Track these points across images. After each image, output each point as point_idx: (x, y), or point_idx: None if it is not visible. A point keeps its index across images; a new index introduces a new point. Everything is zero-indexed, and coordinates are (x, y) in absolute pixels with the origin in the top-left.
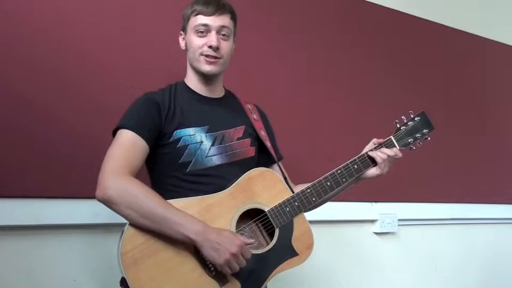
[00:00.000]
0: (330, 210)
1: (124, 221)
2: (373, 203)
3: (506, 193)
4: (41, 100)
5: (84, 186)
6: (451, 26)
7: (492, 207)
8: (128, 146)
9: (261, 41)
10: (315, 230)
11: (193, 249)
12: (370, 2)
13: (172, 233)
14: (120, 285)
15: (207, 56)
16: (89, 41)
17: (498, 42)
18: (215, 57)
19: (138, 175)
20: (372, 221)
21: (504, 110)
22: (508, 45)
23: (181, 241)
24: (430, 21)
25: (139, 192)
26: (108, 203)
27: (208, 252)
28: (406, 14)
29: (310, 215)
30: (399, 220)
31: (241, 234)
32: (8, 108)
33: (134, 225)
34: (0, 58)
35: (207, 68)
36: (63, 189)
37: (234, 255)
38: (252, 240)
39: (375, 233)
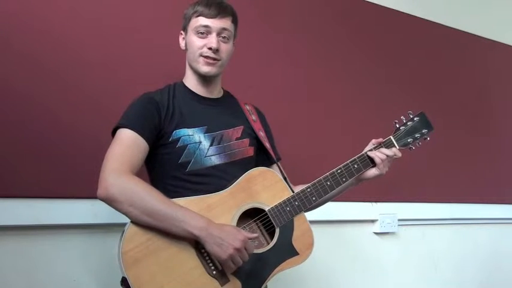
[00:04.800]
0: (330, 210)
1: (124, 220)
2: (373, 203)
3: (506, 193)
4: (40, 100)
5: (83, 186)
6: (451, 26)
7: (492, 207)
8: (128, 144)
9: (261, 42)
10: (315, 230)
11: (194, 248)
12: (370, 2)
13: (175, 230)
14: (121, 285)
15: (206, 57)
16: (89, 41)
17: (499, 42)
18: (214, 59)
19: (138, 175)
20: (372, 221)
21: (505, 111)
22: (509, 46)
23: (182, 239)
24: (430, 21)
25: (141, 190)
26: (110, 201)
27: (211, 248)
28: (406, 14)
29: (310, 215)
30: (399, 220)
31: None
32: (8, 108)
33: (135, 224)
34: (0, 58)
35: (205, 69)
36: (63, 189)
37: (237, 250)
38: (255, 235)
39: (375, 233)
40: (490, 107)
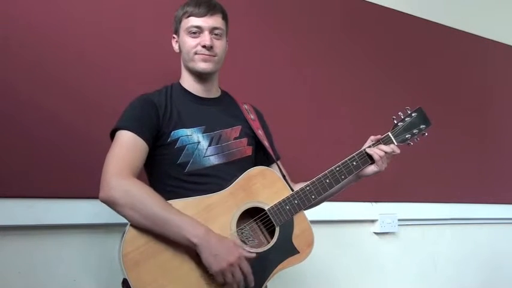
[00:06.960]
0: (330, 210)
1: (124, 221)
2: (373, 203)
3: (506, 193)
4: (40, 100)
5: (84, 186)
6: (451, 26)
7: (492, 207)
8: (129, 146)
9: (261, 41)
10: (315, 230)
11: (194, 250)
12: (370, 2)
13: (174, 236)
14: (122, 286)
15: (202, 54)
16: (88, 42)
17: (498, 42)
18: (209, 55)
19: (138, 176)
20: (372, 221)
21: (504, 110)
22: (509, 46)
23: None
24: (430, 21)
25: (142, 194)
26: (111, 204)
27: (206, 257)
28: (406, 14)
29: (310, 215)
30: (399, 220)
31: (242, 233)
32: (8, 109)
33: (135, 226)
34: (0, 58)
35: (202, 65)
36: (63, 189)
37: (231, 265)
38: (253, 255)
39: (375, 233)
40: (490, 107)
